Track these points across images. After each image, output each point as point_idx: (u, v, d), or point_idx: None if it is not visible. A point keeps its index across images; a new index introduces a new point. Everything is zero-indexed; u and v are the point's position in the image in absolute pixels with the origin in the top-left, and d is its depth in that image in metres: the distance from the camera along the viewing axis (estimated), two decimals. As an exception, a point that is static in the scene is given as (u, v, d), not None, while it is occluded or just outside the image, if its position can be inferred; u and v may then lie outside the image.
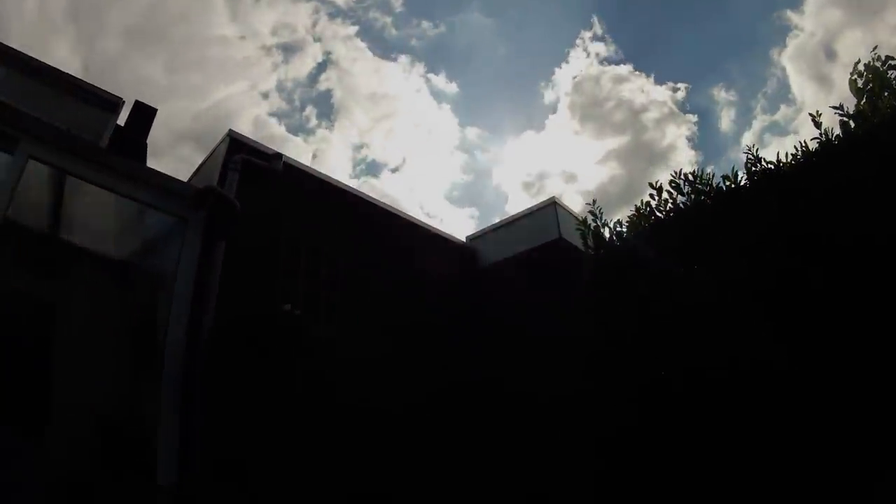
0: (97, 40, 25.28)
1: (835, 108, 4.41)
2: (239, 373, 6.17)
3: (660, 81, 27.71)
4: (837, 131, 4.40)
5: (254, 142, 7.81)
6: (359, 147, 32.02)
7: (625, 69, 27.48)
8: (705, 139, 28.56)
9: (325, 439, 6.74)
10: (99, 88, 8.76)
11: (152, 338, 6.34)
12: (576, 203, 31.80)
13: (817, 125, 4.50)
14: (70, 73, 8.53)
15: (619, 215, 31.62)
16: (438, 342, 8.41)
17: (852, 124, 4.28)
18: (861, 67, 4.47)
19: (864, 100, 4.34)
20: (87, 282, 6.73)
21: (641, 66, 27.54)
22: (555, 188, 33.29)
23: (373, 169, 33.61)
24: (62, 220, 6.87)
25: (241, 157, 7.25)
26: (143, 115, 9.59)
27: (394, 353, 7.76)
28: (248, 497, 5.86)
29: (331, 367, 7.04)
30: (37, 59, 8.37)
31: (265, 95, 29.68)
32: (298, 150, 31.98)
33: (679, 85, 26.48)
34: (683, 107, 27.96)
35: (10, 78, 7.98)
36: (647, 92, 28.50)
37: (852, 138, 4.19)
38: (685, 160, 30.58)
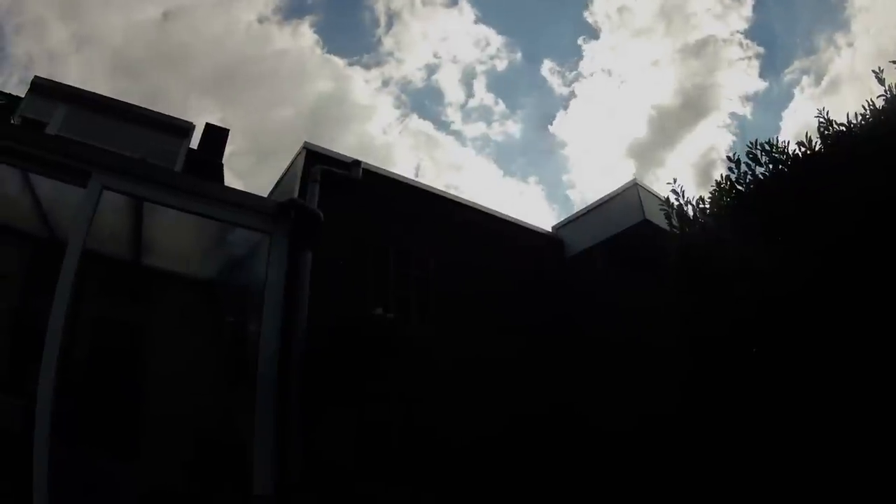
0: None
1: (894, 62, 4.80)
2: (335, 380, 6.78)
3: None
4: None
5: (330, 151, 8.72)
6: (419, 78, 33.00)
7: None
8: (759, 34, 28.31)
9: (425, 444, 7.39)
10: (169, 116, 9.90)
11: (246, 351, 7.15)
12: (637, 129, 31.74)
13: (881, 81, 4.92)
14: (141, 105, 9.71)
15: (687, 132, 31.01)
16: (532, 334, 8.89)
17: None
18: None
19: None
20: (176, 302, 7.62)
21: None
22: (608, 109, 33.08)
23: (433, 103, 34.64)
24: (146, 246, 7.77)
25: (319, 167, 8.10)
26: (215, 136, 10.72)
27: (488, 351, 8.23)
28: (346, 506, 6.40)
29: (427, 368, 7.55)
30: (107, 97, 9.60)
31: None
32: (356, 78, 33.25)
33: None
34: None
35: (83, 116, 9.14)
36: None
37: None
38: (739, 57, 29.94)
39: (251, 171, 34.59)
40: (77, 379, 6.18)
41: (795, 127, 31.05)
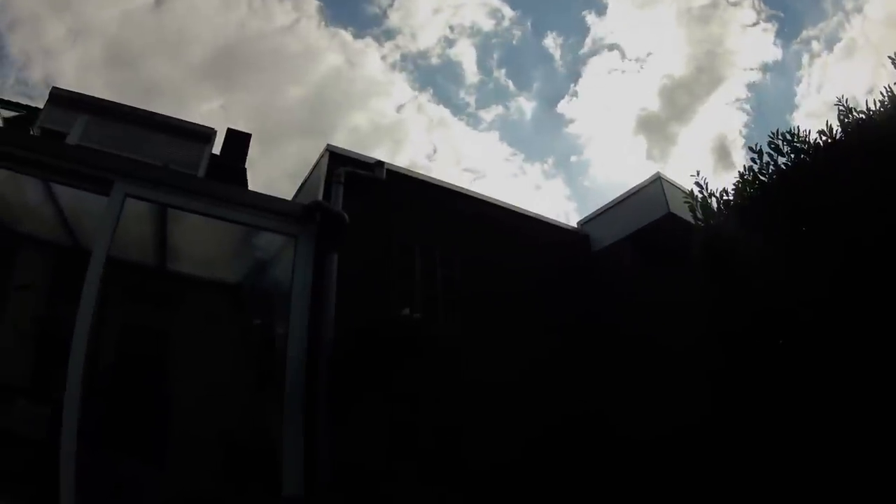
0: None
1: (909, 47, 4.91)
2: (362, 381, 6.87)
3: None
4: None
5: (353, 153, 8.92)
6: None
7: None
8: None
9: (453, 444, 7.50)
10: (190, 122, 10.17)
11: (273, 353, 7.33)
12: (648, 103, 31.34)
13: (897, 68, 5.02)
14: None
15: (700, 104, 30.72)
16: (560, 331, 8.90)
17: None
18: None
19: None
20: (202, 307, 7.83)
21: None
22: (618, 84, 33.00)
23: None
24: (170, 252, 8.01)
25: (343, 169, 8.27)
26: (237, 141, 10.99)
27: (516, 349, 8.30)
28: (376, 507, 6.51)
29: (455, 367, 7.66)
30: (127, 105, 9.83)
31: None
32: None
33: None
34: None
35: (103, 125, 9.34)
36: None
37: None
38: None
39: (257, 157, 34.37)
40: (103, 384, 6.33)
41: (812, 102, 30.33)
